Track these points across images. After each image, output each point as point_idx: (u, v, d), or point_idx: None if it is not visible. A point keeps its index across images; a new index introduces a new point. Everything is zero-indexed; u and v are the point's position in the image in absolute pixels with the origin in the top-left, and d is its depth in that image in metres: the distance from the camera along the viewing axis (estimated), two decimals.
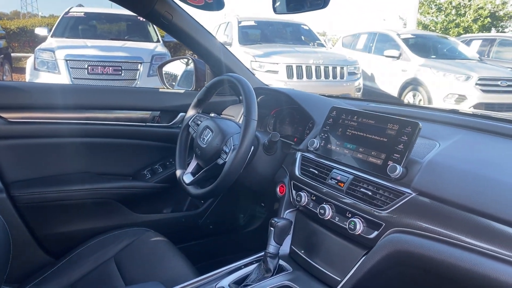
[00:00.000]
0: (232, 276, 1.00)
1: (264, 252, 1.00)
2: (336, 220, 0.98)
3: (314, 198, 1.07)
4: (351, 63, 6.14)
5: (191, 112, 1.41)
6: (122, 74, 5.13)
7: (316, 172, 1.09)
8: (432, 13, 15.71)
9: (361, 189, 0.95)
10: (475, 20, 14.49)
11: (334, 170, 1.04)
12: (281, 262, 1.04)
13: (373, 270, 0.88)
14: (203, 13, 1.52)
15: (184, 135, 1.40)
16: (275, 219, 0.99)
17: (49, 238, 1.47)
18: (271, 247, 0.98)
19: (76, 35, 5.95)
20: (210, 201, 1.73)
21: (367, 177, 0.95)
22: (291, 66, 5.62)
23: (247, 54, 5.82)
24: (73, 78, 4.89)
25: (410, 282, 0.90)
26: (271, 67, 5.64)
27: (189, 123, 1.39)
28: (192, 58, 1.76)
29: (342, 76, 5.93)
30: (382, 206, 0.89)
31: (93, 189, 1.49)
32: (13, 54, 9.55)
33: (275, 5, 1.36)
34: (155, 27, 6.32)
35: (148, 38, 6.23)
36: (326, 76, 5.80)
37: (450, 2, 14.96)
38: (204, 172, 1.23)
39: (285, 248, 1.10)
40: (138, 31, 6.39)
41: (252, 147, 1.19)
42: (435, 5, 15.49)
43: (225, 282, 0.98)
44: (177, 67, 1.99)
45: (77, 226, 1.51)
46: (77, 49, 5.24)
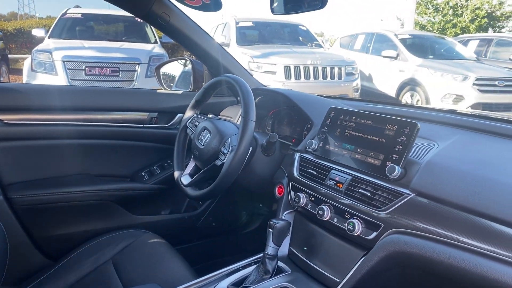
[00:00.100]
0: (231, 278, 1.00)
1: (263, 254, 0.99)
2: (335, 221, 0.98)
3: (313, 199, 1.06)
4: (349, 64, 6.15)
5: (189, 113, 1.41)
6: (120, 75, 5.13)
7: (315, 173, 1.09)
8: (430, 14, 15.76)
9: (360, 190, 0.95)
10: (472, 20, 14.55)
11: (333, 171, 1.04)
12: (280, 264, 1.04)
13: (372, 271, 0.87)
14: (201, 14, 1.52)
15: (182, 136, 1.40)
16: (274, 220, 0.99)
17: (47, 240, 1.46)
18: (270, 249, 0.98)
19: (74, 36, 5.94)
20: (209, 203, 1.73)
21: (366, 178, 0.95)
22: (289, 67, 5.62)
23: (245, 55, 5.82)
24: (71, 80, 4.89)
25: (409, 283, 0.90)
26: (269, 68, 5.64)
27: (187, 124, 1.38)
28: (190, 59, 1.76)
29: (340, 77, 5.93)
30: (381, 207, 0.88)
31: (91, 191, 1.49)
32: (10, 56, 9.54)
33: (273, 6, 1.36)
34: (153, 28, 6.32)
35: (146, 39, 6.22)
36: (324, 77, 5.80)
37: (447, 3, 15.02)
38: (202, 174, 1.23)
39: (284, 250, 1.10)
40: (136, 32, 6.39)
41: (250, 148, 1.19)
42: (432, 6, 15.55)
43: (224, 284, 0.98)
44: (175, 68, 1.98)
45: (75, 228, 1.51)
46: (75, 50, 5.24)
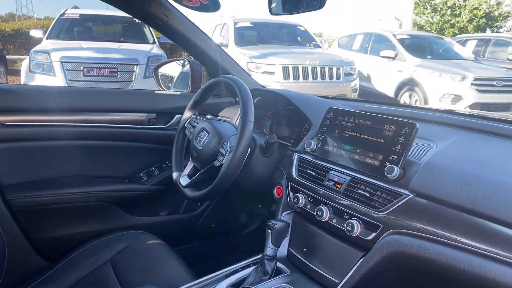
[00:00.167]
0: (230, 279, 1.00)
1: (262, 255, 0.99)
2: (334, 222, 0.98)
3: (312, 200, 1.06)
4: (347, 64, 6.15)
5: (188, 114, 1.40)
6: (118, 76, 5.12)
7: (313, 174, 1.08)
8: (428, 14, 15.78)
9: (359, 191, 0.94)
10: (470, 21, 14.57)
11: (332, 172, 1.04)
12: (279, 265, 1.04)
13: (371, 272, 0.87)
14: (199, 15, 1.52)
15: (181, 137, 1.39)
16: (273, 221, 0.99)
17: (45, 242, 1.45)
18: (269, 249, 0.98)
19: (72, 37, 5.94)
20: (207, 204, 1.72)
21: (365, 179, 0.95)
22: (288, 67, 5.62)
23: (243, 55, 5.82)
24: (69, 80, 4.88)
25: (409, 284, 0.90)
26: (268, 68, 5.64)
27: (186, 125, 1.38)
28: (188, 60, 1.75)
29: (339, 77, 5.93)
30: (380, 208, 0.88)
31: (89, 192, 1.48)
32: (8, 56, 9.52)
33: (271, 6, 1.35)
34: (151, 29, 6.31)
35: (144, 40, 6.22)
36: (323, 77, 5.81)
37: (445, 3, 15.03)
38: (201, 174, 1.23)
39: (283, 250, 1.10)
40: (134, 33, 6.38)
41: (249, 149, 1.18)
42: (431, 6, 15.57)
43: (223, 285, 0.97)
44: (173, 69, 1.98)
45: (73, 230, 1.50)
46: (73, 51, 5.23)
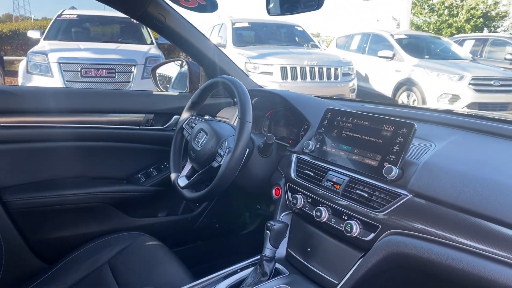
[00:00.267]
0: (228, 280, 1.00)
1: (260, 256, 0.99)
2: (332, 223, 0.97)
3: (310, 201, 1.06)
4: (345, 64, 6.16)
5: (186, 115, 1.40)
6: (116, 77, 5.11)
7: (312, 174, 1.08)
8: (425, 14, 15.83)
9: (357, 191, 0.94)
10: (468, 20, 14.62)
11: (330, 172, 1.04)
12: (278, 266, 1.04)
13: (370, 273, 0.87)
14: (197, 15, 1.52)
15: (179, 138, 1.39)
16: (271, 222, 0.99)
17: (43, 244, 1.45)
18: (267, 250, 0.98)
19: (69, 38, 5.92)
20: (206, 204, 1.72)
21: (363, 179, 0.95)
22: (286, 68, 5.62)
23: (241, 56, 5.82)
24: (66, 81, 4.87)
25: (408, 284, 0.90)
26: (266, 69, 5.63)
27: (184, 126, 1.38)
28: (186, 60, 1.75)
29: (337, 77, 5.93)
30: (379, 208, 0.88)
31: (87, 194, 1.48)
32: (6, 57, 9.51)
33: (269, 7, 1.35)
34: (149, 29, 6.30)
35: (142, 40, 6.21)
36: (321, 77, 5.80)
37: (443, 3, 15.07)
38: (199, 175, 1.22)
39: (282, 251, 1.09)
40: (132, 33, 6.37)
41: (247, 150, 1.18)
42: (428, 6, 15.61)
43: (221, 286, 0.97)
44: (171, 69, 1.97)
45: (71, 231, 1.50)
46: (70, 52, 5.21)
